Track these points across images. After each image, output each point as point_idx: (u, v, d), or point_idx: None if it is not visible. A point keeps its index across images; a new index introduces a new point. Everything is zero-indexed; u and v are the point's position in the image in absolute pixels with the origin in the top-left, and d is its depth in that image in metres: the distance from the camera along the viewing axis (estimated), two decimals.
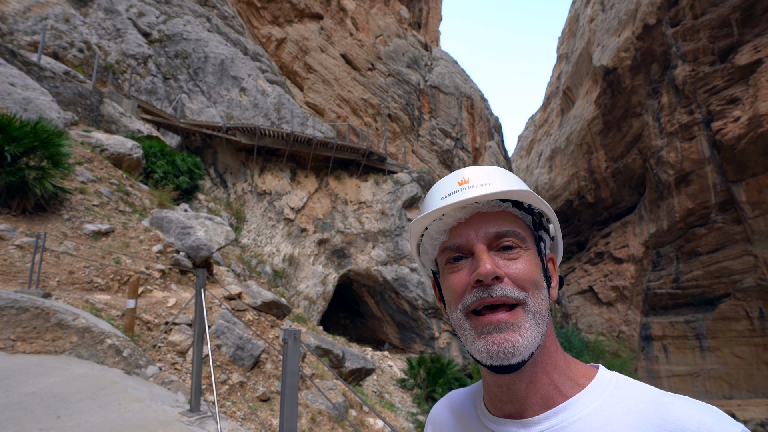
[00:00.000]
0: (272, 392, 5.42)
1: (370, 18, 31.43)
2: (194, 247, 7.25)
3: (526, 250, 0.66)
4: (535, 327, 0.62)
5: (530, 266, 0.65)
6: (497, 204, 0.67)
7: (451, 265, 0.68)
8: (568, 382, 0.65)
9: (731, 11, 28.06)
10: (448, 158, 33.64)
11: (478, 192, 0.65)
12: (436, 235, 0.70)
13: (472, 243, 0.66)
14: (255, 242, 18.55)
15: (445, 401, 0.83)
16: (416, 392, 13.73)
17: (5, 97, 8.90)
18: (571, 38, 53.43)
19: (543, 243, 0.71)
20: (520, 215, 0.69)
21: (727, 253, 29.33)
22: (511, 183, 0.68)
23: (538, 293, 0.64)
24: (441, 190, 0.70)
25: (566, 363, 0.67)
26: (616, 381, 0.64)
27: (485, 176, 0.68)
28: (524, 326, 0.61)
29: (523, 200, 0.68)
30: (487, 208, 0.67)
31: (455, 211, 0.68)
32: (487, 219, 0.67)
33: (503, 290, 0.62)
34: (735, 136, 27.42)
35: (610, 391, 0.62)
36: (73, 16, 17.07)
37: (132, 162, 10.85)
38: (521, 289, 0.63)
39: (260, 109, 20.93)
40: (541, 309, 0.63)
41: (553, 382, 0.65)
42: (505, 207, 0.68)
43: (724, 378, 28.52)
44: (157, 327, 5.50)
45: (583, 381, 0.65)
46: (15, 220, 6.62)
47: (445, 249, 0.69)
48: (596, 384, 0.64)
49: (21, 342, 4.30)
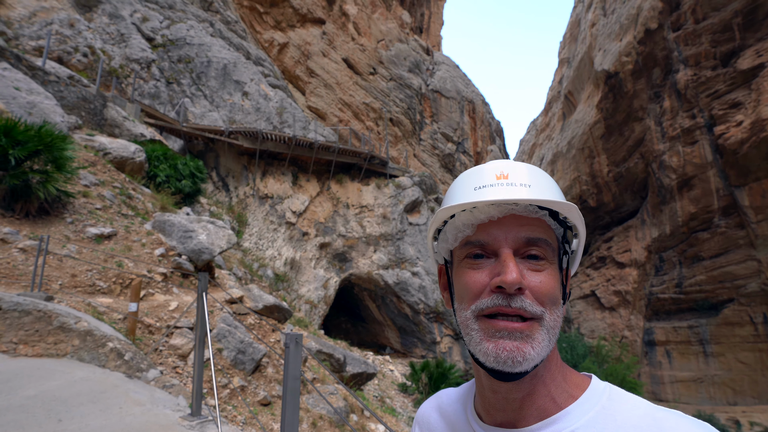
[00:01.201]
0: (273, 396, 5.41)
1: (372, 23, 31.58)
2: (196, 250, 7.27)
3: (551, 263, 0.64)
4: (547, 341, 0.60)
5: (552, 281, 0.63)
6: (534, 210, 0.64)
7: (470, 261, 0.65)
8: (563, 393, 0.64)
9: (733, 16, 28.09)
10: (450, 162, 33.66)
11: (519, 194, 0.62)
12: (462, 227, 0.66)
13: (500, 245, 0.62)
14: (257, 246, 18.57)
15: (433, 401, 0.80)
16: (417, 397, 13.67)
17: (10, 102, 8.97)
18: (572, 43, 53.55)
19: (567, 257, 0.69)
20: (553, 226, 0.66)
21: (731, 257, 29.19)
22: (551, 189, 0.64)
23: (555, 309, 0.62)
24: (475, 179, 0.66)
25: (563, 375, 0.66)
26: (609, 392, 0.62)
27: (526, 176, 0.64)
28: (537, 339, 0.59)
29: (565, 213, 0.65)
30: (524, 211, 0.63)
31: (489, 208, 0.63)
32: (520, 222, 0.63)
33: (523, 302, 0.59)
34: (737, 140, 27.36)
35: (602, 402, 0.61)
36: (77, 21, 17.21)
37: (135, 166, 10.90)
38: (540, 303, 0.61)
39: (262, 113, 21.01)
40: (555, 325, 0.62)
41: (550, 393, 0.64)
42: (542, 215, 0.64)
43: (729, 384, 28.30)
44: (159, 330, 5.50)
45: (576, 392, 0.64)
46: (18, 224, 6.65)
47: (468, 243, 0.65)
48: (589, 395, 0.63)
49: (23, 345, 4.31)
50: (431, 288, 20.80)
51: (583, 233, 0.70)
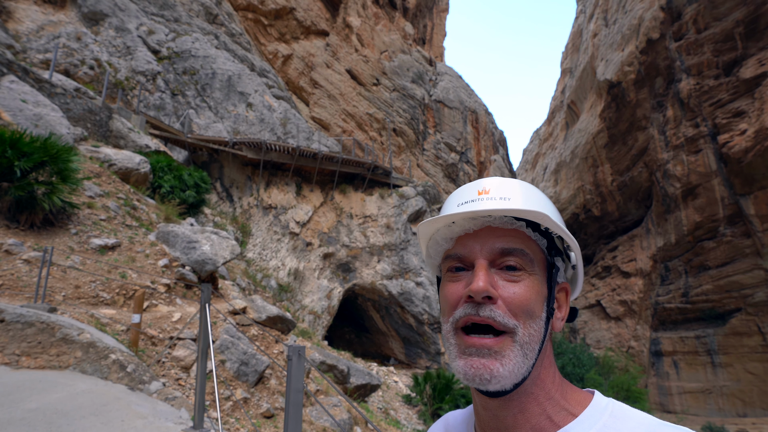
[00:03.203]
0: (276, 409, 5.35)
1: (375, 34, 31.90)
2: (200, 261, 7.26)
3: (530, 274, 0.62)
4: (520, 358, 0.59)
5: (529, 293, 0.61)
6: (510, 221, 0.64)
7: (451, 274, 0.66)
8: (561, 411, 0.62)
9: (734, 25, 28.19)
10: (453, 172, 33.69)
11: (493, 205, 0.62)
12: (442, 242, 0.68)
13: (475, 256, 0.63)
14: (260, 256, 18.56)
15: (440, 424, 0.80)
16: (422, 409, 13.51)
17: (17, 114, 9.07)
18: (574, 53, 53.84)
19: (556, 270, 0.66)
20: (533, 237, 0.65)
21: (737, 267, 28.90)
22: (531, 201, 0.64)
23: (531, 323, 0.60)
24: (459, 197, 0.67)
25: (562, 393, 0.64)
26: (611, 409, 0.60)
27: (506, 190, 0.65)
28: (508, 356, 0.58)
29: (538, 221, 0.64)
30: (498, 223, 0.64)
31: (466, 221, 0.65)
32: (496, 234, 0.63)
33: (492, 312, 0.59)
34: (742, 149, 27.27)
35: (604, 420, 0.59)
36: (84, 34, 17.48)
37: (139, 177, 10.96)
38: (513, 315, 0.60)
39: (266, 124, 21.16)
40: (531, 340, 0.60)
41: (546, 412, 0.62)
42: (518, 226, 0.64)
43: (738, 395, 27.82)
44: (162, 342, 5.48)
45: (577, 409, 0.62)
46: (23, 235, 6.67)
47: (448, 257, 0.67)
48: (590, 412, 0.61)
49: (26, 357, 4.29)
50: (435, 298, 20.69)
51: (573, 244, 0.68)
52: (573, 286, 0.74)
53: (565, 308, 0.68)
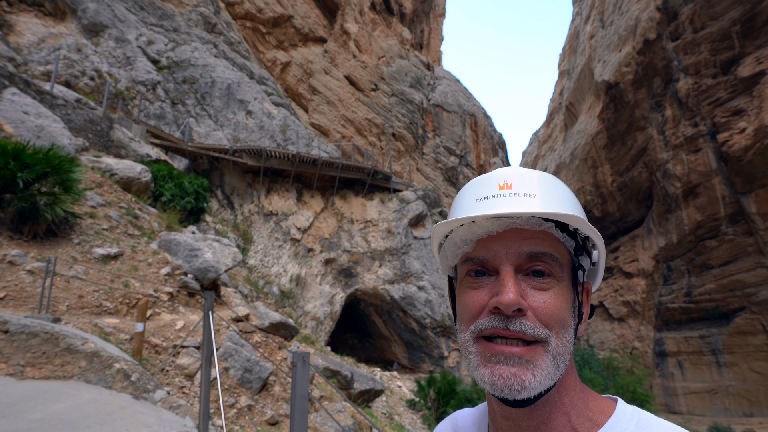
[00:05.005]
0: (281, 416, 5.35)
1: (372, 40, 32.08)
2: (202, 269, 7.28)
3: (559, 281, 0.58)
4: (552, 368, 0.54)
5: (560, 302, 0.56)
6: (538, 222, 0.57)
7: (471, 279, 0.60)
8: (585, 420, 0.58)
9: (731, 24, 28.31)
10: (453, 175, 33.75)
11: (520, 207, 0.56)
12: (461, 243, 0.61)
13: (500, 261, 0.57)
14: (262, 263, 18.58)
15: (448, 423, 0.75)
16: (426, 413, 13.46)
17: (19, 126, 9.13)
18: (572, 55, 54.04)
19: (582, 271, 0.62)
20: (562, 239, 0.59)
21: (740, 265, 28.83)
22: (561, 199, 0.58)
23: (564, 333, 0.56)
24: (477, 190, 0.61)
25: (584, 400, 0.60)
26: (637, 419, 0.56)
27: (529, 184, 0.58)
28: (540, 366, 0.54)
29: (571, 224, 0.58)
30: (525, 224, 0.57)
31: (487, 222, 0.58)
32: (523, 236, 0.57)
33: (523, 325, 0.54)
34: (741, 147, 27.30)
35: (631, 430, 0.55)
36: (84, 45, 17.61)
37: (141, 186, 11.01)
38: (544, 326, 0.55)
39: (266, 131, 21.24)
40: (564, 351, 0.56)
41: (570, 421, 0.58)
42: (547, 227, 0.58)
43: (744, 395, 27.66)
44: (165, 350, 5.49)
45: (600, 418, 0.58)
46: (26, 245, 6.71)
47: (468, 260, 0.60)
48: (614, 422, 0.56)
49: (30, 367, 4.31)
50: (437, 302, 20.66)
51: (600, 244, 0.62)
52: (592, 281, 0.69)
53: (587, 309, 0.64)
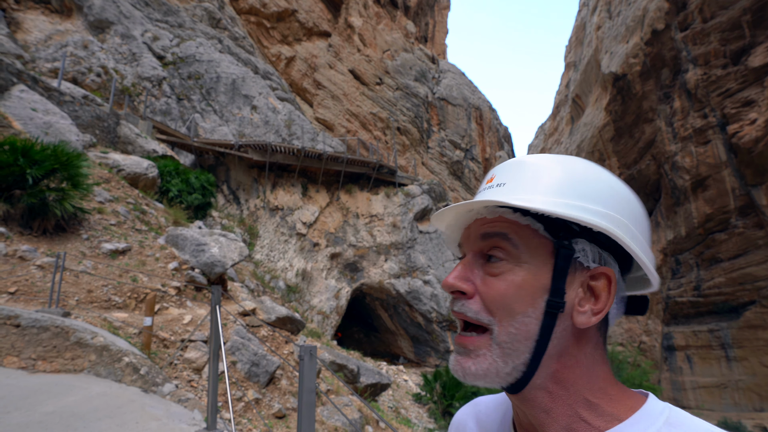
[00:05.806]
0: (288, 409, 5.39)
1: (377, 34, 31.90)
2: (209, 263, 7.33)
3: (517, 264, 0.55)
4: (499, 357, 0.54)
5: (508, 288, 0.54)
6: (493, 210, 0.58)
7: None
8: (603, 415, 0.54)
9: (741, 13, 27.80)
10: (459, 169, 33.61)
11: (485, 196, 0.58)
12: (456, 231, 0.65)
13: (467, 248, 0.61)
14: (268, 257, 18.67)
15: (469, 408, 0.75)
16: (432, 407, 13.52)
17: (27, 122, 9.20)
18: (578, 46, 53.42)
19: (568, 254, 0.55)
20: (523, 221, 0.56)
21: (750, 258, 28.51)
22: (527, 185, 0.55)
23: (510, 321, 0.54)
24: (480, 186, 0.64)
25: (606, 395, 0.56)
26: (667, 415, 0.52)
27: (504, 174, 0.59)
28: (483, 355, 0.55)
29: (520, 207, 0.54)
30: (487, 213, 0.58)
31: (460, 216, 0.63)
32: (483, 222, 0.59)
33: (463, 307, 0.57)
34: (752, 138, 26.89)
35: (658, 426, 0.50)
36: (91, 42, 17.68)
37: (148, 181, 11.08)
38: (488, 312, 0.55)
39: (271, 126, 21.26)
40: (512, 339, 0.54)
41: (578, 414, 0.55)
42: (502, 212, 0.57)
43: (754, 389, 27.46)
44: (174, 344, 5.54)
45: (625, 414, 0.54)
46: (36, 241, 6.78)
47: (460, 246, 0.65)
48: (639, 417, 0.53)
49: (42, 361, 4.37)
50: (443, 296, 20.66)
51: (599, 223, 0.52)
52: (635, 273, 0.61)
53: (605, 299, 0.55)
